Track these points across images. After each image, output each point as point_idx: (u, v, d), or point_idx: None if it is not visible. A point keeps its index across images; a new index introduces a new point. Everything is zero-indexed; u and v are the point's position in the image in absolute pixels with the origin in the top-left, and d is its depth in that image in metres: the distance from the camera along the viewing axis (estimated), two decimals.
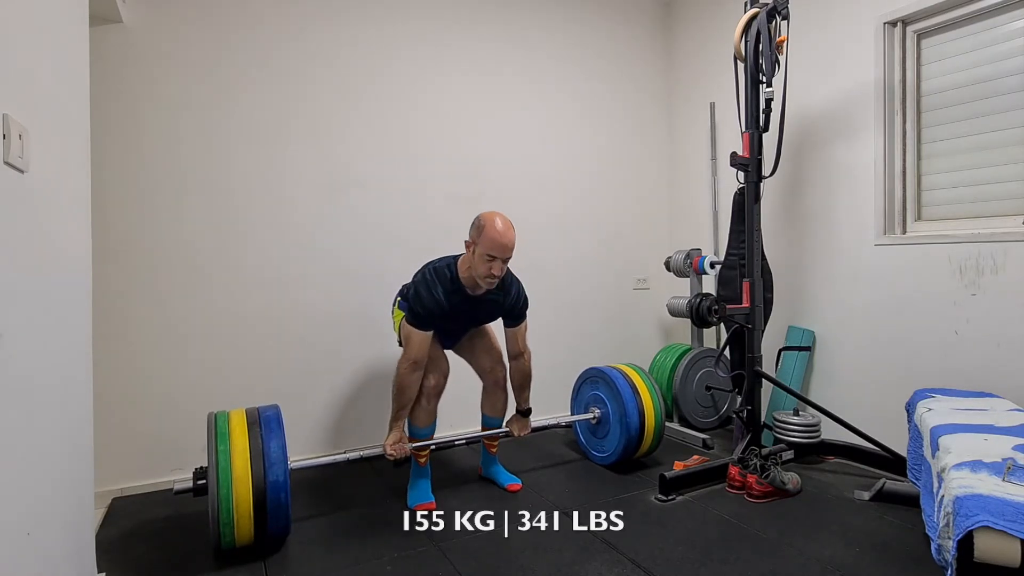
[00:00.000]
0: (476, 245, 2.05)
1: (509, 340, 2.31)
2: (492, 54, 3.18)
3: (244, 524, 1.78)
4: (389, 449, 2.12)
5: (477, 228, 2.06)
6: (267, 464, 1.82)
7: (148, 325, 2.42)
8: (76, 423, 1.43)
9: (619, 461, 2.54)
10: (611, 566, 1.77)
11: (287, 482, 1.83)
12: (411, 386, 2.13)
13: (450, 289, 2.12)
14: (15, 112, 1.06)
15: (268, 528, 1.82)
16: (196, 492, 1.88)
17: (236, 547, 1.83)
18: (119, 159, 2.36)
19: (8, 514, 1.02)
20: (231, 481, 1.77)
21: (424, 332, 2.11)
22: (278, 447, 1.87)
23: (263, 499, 1.79)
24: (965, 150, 2.39)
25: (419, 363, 2.12)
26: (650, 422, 2.51)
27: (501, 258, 2.03)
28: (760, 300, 2.54)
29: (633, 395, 2.51)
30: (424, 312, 2.09)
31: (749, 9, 2.51)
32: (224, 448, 1.81)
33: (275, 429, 1.91)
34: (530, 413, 2.42)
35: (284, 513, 1.83)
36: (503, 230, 2.02)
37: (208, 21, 2.51)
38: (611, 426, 2.56)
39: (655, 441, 2.58)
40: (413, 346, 2.10)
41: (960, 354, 2.31)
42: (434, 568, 1.78)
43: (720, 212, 3.36)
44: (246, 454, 1.82)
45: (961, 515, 1.28)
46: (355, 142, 2.82)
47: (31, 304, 1.14)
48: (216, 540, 1.78)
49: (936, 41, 2.48)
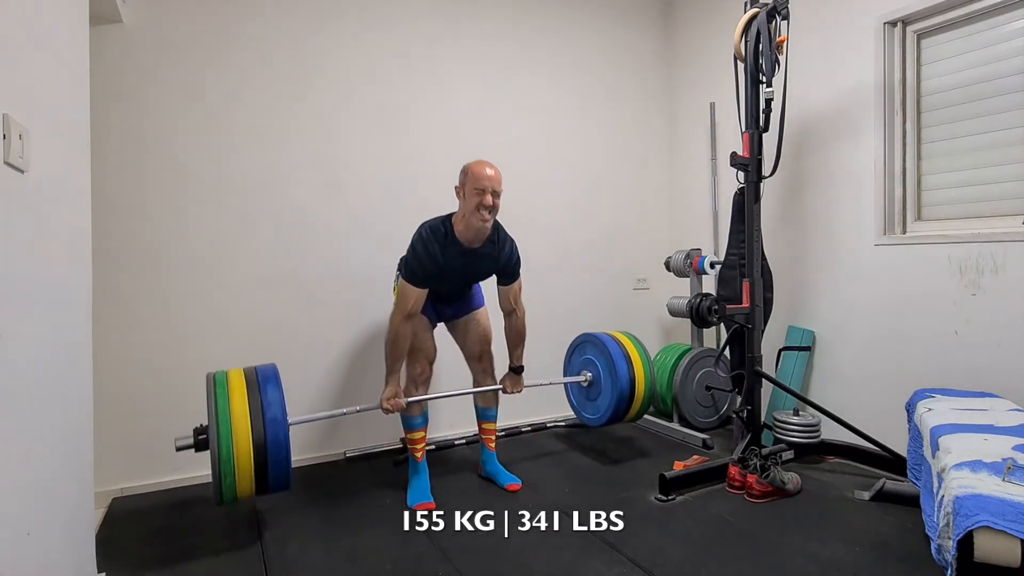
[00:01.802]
0: (464, 187, 2.14)
1: (502, 298, 2.35)
2: (491, 54, 3.18)
3: (245, 476, 1.78)
4: (385, 403, 2.15)
5: (463, 172, 2.17)
6: (266, 416, 1.82)
7: (148, 325, 2.42)
8: (76, 423, 1.43)
9: (611, 420, 2.58)
10: (611, 566, 1.77)
11: (287, 433, 1.83)
12: (405, 337, 2.16)
13: (445, 243, 2.15)
14: (15, 112, 1.06)
15: (269, 480, 1.82)
16: (197, 447, 1.87)
17: (237, 501, 1.83)
18: (119, 159, 2.36)
19: (8, 514, 1.02)
20: (231, 433, 1.76)
21: (419, 289, 2.14)
22: (277, 399, 1.87)
23: (263, 450, 1.78)
24: (965, 150, 2.39)
25: (412, 315, 2.16)
26: (640, 383, 2.55)
27: (490, 190, 2.08)
28: (760, 300, 2.54)
29: (623, 356, 2.55)
30: (419, 267, 2.12)
31: (749, 9, 2.51)
32: (223, 402, 1.81)
33: (273, 383, 1.91)
34: (522, 371, 2.45)
35: (284, 465, 1.82)
36: (485, 164, 2.14)
37: (208, 21, 2.51)
38: (602, 387, 2.59)
39: (645, 402, 2.61)
40: (407, 301, 2.14)
41: (960, 354, 2.31)
42: (434, 568, 1.77)
43: (720, 212, 3.36)
44: (245, 407, 1.82)
45: (961, 515, 1.28)
46: (354, 141, 2.82)
47: (31, 304, 1.14)
48: (217, 494, 1.78)
49: (936, 41, 2.48)
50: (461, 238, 2.16)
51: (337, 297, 2.78)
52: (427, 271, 2.13)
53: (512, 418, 3.16)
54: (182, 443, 1.90)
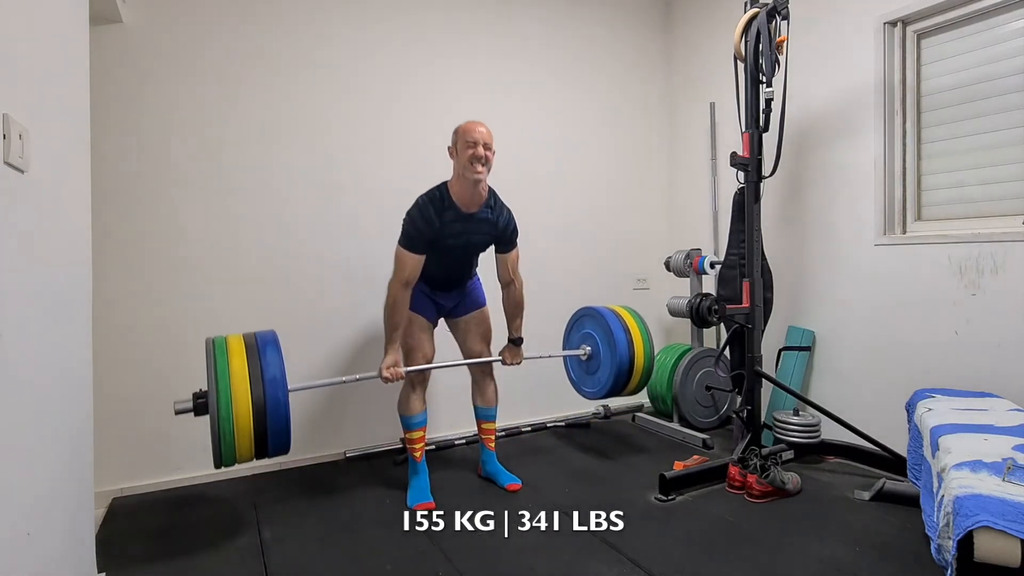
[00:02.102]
0: (455, 145, 2.17)
1: (501, 267, 2.36)
2: (491, 54, 3.18)
3: (244, 436, 1.77)
4: (385, 372, 2.15)
5: (454, 132, 2.20)
6: (266, 376, 1.81)
7: (148, 325, 2.42)
8: (76, 423, 1.43)
9: (610, 392, 2.59)
10: (611, 566, 1.77)
11: (286, 392, 1.82)
12: (402, 305, 2.17)
13: (442, 208, 2.17)
14: (15, 112, 1.06)
15: (269, 441, 1.81)
16: (196, 411, 1.86)
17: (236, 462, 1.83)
18: (119, 159, 2.36)
19: (8, 514, 1.02)
20: (231, 396, 1.75)
21: (417, 255, 2.15)
22: (276, 360, 1.86)
23: (263, 410, 1.77)
24: (965, 150, 2.39)
25: (410, 283, 2.17)
26: (639, 355, 2.55)
27: (481, 143, 2.12)
28: (760, 300, 2.54)
29: (623, 328, 2.55)
30: (416, 234, 2.13)
31: (749, 9, 2.51)
32: (223, 366, 1.80)
33: (272, 346, 1.91)
34: (521, 342, 2.45)
35: (284, 426, 1.81)
36: (476, 122, 2.18)
37: (208, 21, 2.51)
38: (601, 360, 2.59)
39: (644, 375, 2.61)
40: (405, 268, 2.15)
41: (960, 354, 2.31)
42: (434, 568, 1.78)
43: (720, 212, 3.36)
44: (244, 368, 1.81)
45: (961, 515, 1.28)
46: (354, 141, 2.82)
47: (31, 304, 1.14)
48: (217, 455, 1.77)
49: (936, 41, 2.48)
50: (458, 201, 2.17)
51: (337, 297, 2.78)
52: (424, 236, 2.14)
53: (512, 418, 3.16)
54: (181, 407, 1.88)
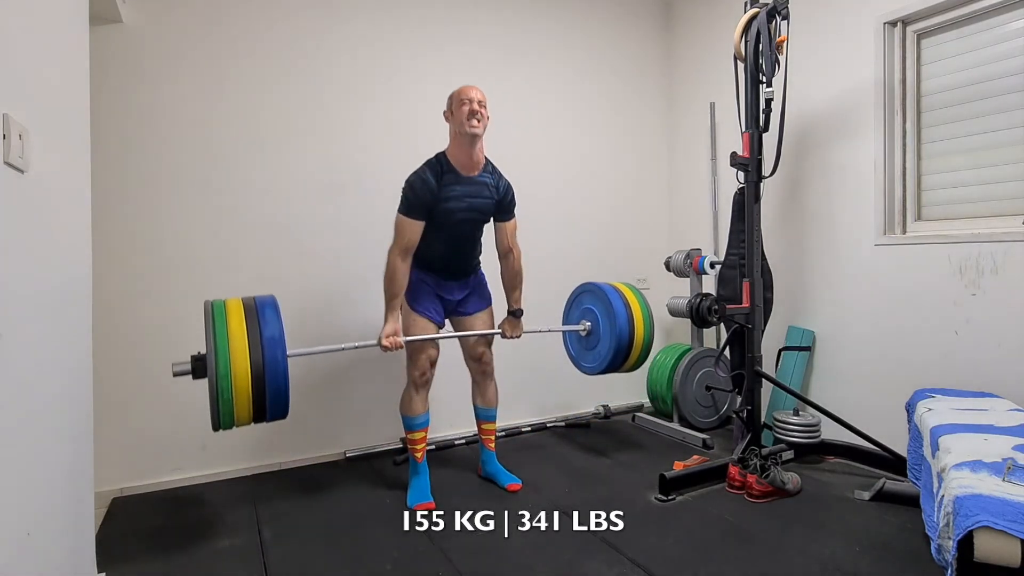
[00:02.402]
0: (451, 107, 2.22)
1: (499, 236, 2.38)
2: (491, 54, 3.18)
3: (243, 399, 1.75)
4: (384, 340, 2.14)
5: (449, 97, 2.25)
6: (264, 338, 1.79)
7: (148, 325, 2.42)
8: (76, 423, 1.43)
9: (609, 368, 2.57)
10: (611, 566, 1.77)
11: (285, 356, 1.80)
12: (402, 274, 2.18)
13: (441, 171, 2.20)
14: (15, 112, 1.06)
15: (267, 403, 1.79)
16: (194, 373, 1.84)
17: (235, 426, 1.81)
18: (119, 159, 2.36)
19: (8, 514, 1.02)
20: (229, 358, 1.73)
21: (416, 220, 2.16)
22: (274, 323, 1.84)
23: (261, 373, 1.76)
24: (965, 150, 2.39)
25: (409, 249, 2.18)
26: (639, 329, 2.54)
27: (476, 100, 2.16)
28: (760, 300, 2.54)
29: (623, 303, 2.54)
30: (414, 198, 2.15)
31: (749, 9, 2.51)
32: (222, 328, 1.78)
33: (271, 309, 1.89)
34: (521, 314, 2.45)
35: (282, 387, 1.80)
36: (469, 85, 2.23)
37: (208, 21, 2.51)
38: (601, 334, 2.58)
39: (644, 350, 2.59)
40: (404, 233, 2.16)
41: (960, 354, 2.31)
42: (434, 568, 1.78)
43: (720, 212, 3.36)
44: (243, 332, 1.78)
45: (961, 515, 1.27)
46: (355, 141, 2.82)
47: (31, 304, 1.14)
48: (215, 417, 1.75)
49: (936, 41, 2.48)
50: (456, 164, 2.21)
51: (338, 297, 2.78)
52: (422, 200, 2.15)
53: (512, 418, 3.16)
54: (179, 368, 1.85)
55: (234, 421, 1.78)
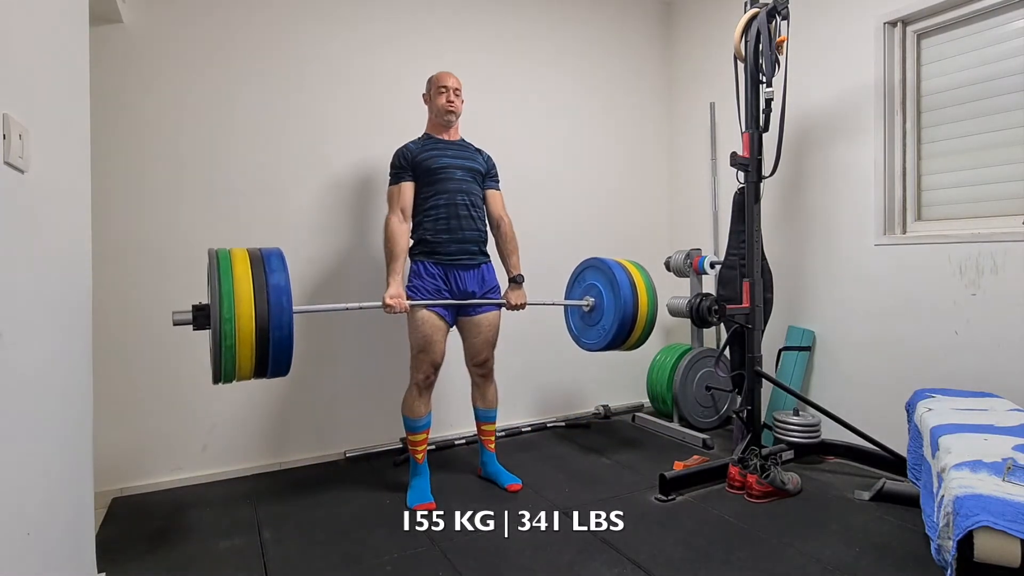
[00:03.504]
0: (429, 92, 2.40)
1: (491, 204, 2.46)
2: (491, 54, 3.18)
3: (245, 351, 1.70)
4: (388, 300, 2.15)
5: (427, 82, 2.42)
6: (271, 288, 1.74)
7: (148, 325, 2.42)
8: (76, 423, 1.43)
9: (611, 344, 2.54)
10: (611, 566, 1.77)
11: (290, 303, 1.76)
12: (401, 234, 2.25)
13: (422, 141, 2.37)
14: (15, 112, 1.06)
15: (270, 356, 1.74)
16: (196, 323, 1.76)
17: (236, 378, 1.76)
18: (119, 159, 2.36)
19: (8, 514, 1.02)
20: (234, 303, 1.67)
21: (404, 183, 2.29)
22: (281, 273, 1.79)
23: (266, 321, 1.70)
24: (965, 150, 2.39)
25: (404, 211, 2.28)
26: (643, 305, 2.52)
27: (452, 87, 2.34)
28: (760, 300, 2.54)
29: (627, 277, 2.52)
30: (396, 162, 2.31)
31: (749, 9, 2.51)
32: (226, 276, 1.72)
33: (278, 259, 1.84)
34: (523, 280, 2.45)
35: (287, 339, 1.75)
36: (446, 72, 2.40)
37: (208, 21, 2.51)
38: (604, 309, 2.55)
39: (648, 326, 2.56)
40: (395, 199, 2.29)
41: (960, 354, 2.31)
42: (434, 568, 1.78)
43: (720, 212, 3.36)
44: (248, 279, 1.73)
45: (961, 515, 1.28)
46: (355, 141, 2.82)
47: (31, 304, 1.14)
48: (216, 367, 1.71)
49: (936, 41, 2.48)
50: (436, 133, 2.39)
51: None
52: (405, 161, 2.30)
53: (512, 418, 3.16)
54: (180, 317, 1.77)
55: (235, 372, 1.72)
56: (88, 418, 1.55)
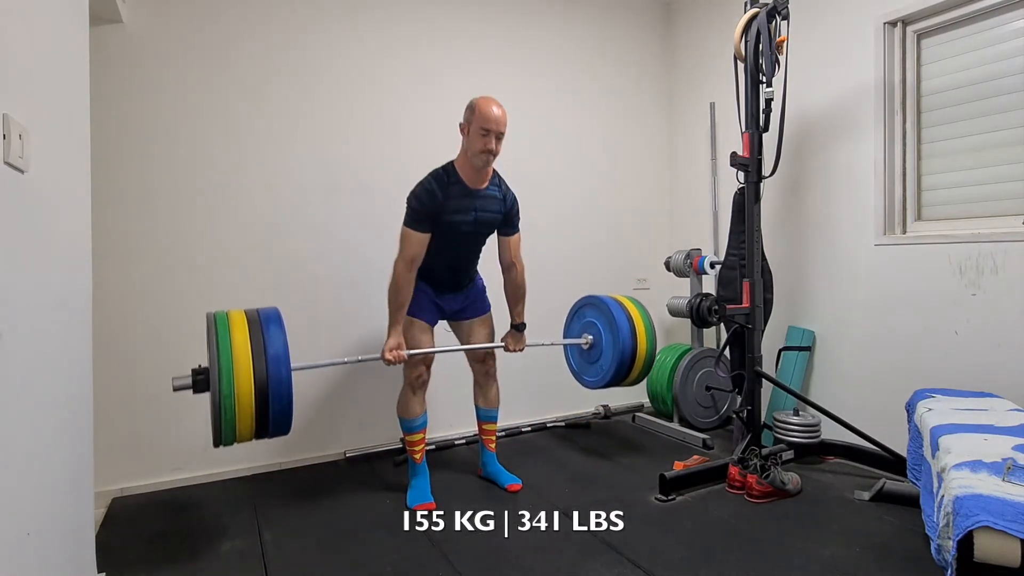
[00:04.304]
0: (470, 124, 2.13)
1: (503, 250, 2.35)
2: (491, 55, 3.18)
3: (245, 416, 1.71)
4: (388, 354, 2.13)
5: (470, 108, 2.15)
6: (269, 353, 1.75)
7: (148, 325, 2.42)
8: (76, 423, 1.43)
9: (612, 382, 2.55)
10: (611, 566, 1.77)
11: (289, 370, 1.77)
12: (408, 284, 2.16)
13: (447, 183, 2.16)
14: (15, 112, 1.06)
15: (270, 421, 1.75)
16: (195, 387, 1.79)
17: (236, 441, 1.77)
18: (119, 159, 2.36)
19: (8, 514, 1.02)
20: (232, 372, 1.69)
21: (421, 233, 2.13)
22: (279, 339, 1.80)
23: (265, 390, 1.71)
24: (965, 150, 2.39)
25: (415, 261, 2.15)
26: (642, 343, 2.52)
27: (495, 132, 2.11)
28: (760, 300, 2.54)
29: (626, 316, 2.52)
30: (420, 208, 2.12)
31: (749, 9, 2.51)
32: (224, 341, 1.73)
33: (275, 324, 1.85)
34: (524, 328, 2.44)
35: (286, 405, 1.76)
36: (495, 106, 2.14)
37: (208, 21, 2.51)
38: (603, 348, 2.56)
39: (647, 362, 2.57)
40: (409, 245, 2.14)
41: (960, 354, 2.31)
42: (434, 568, 1.78)
43: (720, 212, 3.36)
44: (247, 343, 1.74)
45: (961, 515, 1.27)
46: (355, 142, 2.82)
47: (31, 304, 1.14)
48: (217, 433, 1.72)
49: (936, 41, 2.48)
50: (464, 177, 2.17)
51: (338, 298, 2.78)
52: (428, 210, 2.12)
53: (512, 418, 3.16)
54: (180, 383, 1.80)
55: (236, 438, 1.76)
56: (88, 418, 1.55)
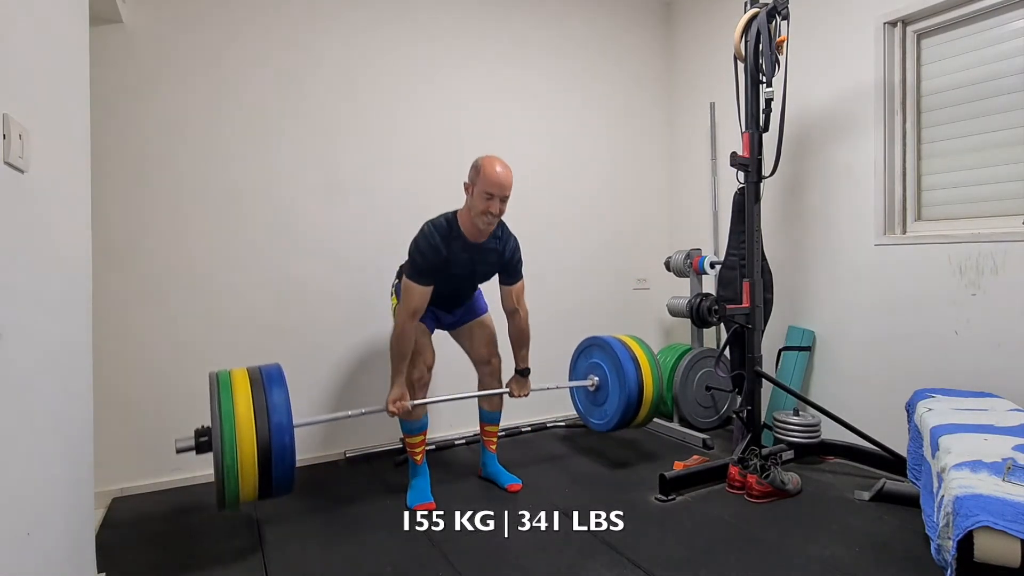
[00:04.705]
0: (474, 185, 2.08)
1: (505, 297, 2.33)
2: (491, 55, 3.18)
3: (248, 482, 1.74)
4: (391, 406, 2.13)
5: (475, 168, 2.10)
6: (271, 409, 1.77)
7: (148, 325, 2.42)
8: (76, 423, 1.43)
9: (618, 426, 2.55)
10: (611, 566, 1.77)
11: (291, 428, 1.79)
12: (409, 336, 2.14)
13: (449, 236, 2.13)
14: (15, 112, 1.06)
15: (273, 480, 1.78)
16: (199, 449, 1.82)
17: (239, 505, 1.80)
18: (119, 159, 2.36)
19: (8, 514, 1.02)
20: (235, 434, 1.71)
21: (423, 287, 2.11)
22: (281, 395, 1.83)
23: (268, 456, 1.74)
24: (965, 150, 2.39)
25: (417, 313, 2.13)
26: (648, 387, 2.52)
27: (499, 196, 2.07)
28: (760, 300, 2.54)
29: (632, 360, 2.52)
30: (423, 262, 2.10)
31: (749, 9, 2.51)
32: (227, 401, 1.76)
33: (277, 383, 1.87)
34: (529, 373, 2.43)
35: (289, 469, 1.79)
36: (501, 169, 2.08)
37: (208, 21, 2.51)
38: (610, 391, 2.56)
39: (653, 407, 2.57)
40: (412, 298, 2.11)
41: (960, 354, 2.31)
42: (434, 568, 1.78)
43: (720, 212, 3.36)
44: (250, 410, 1.76)
45: (961, 515, 1.27)
46: (355, 143, 2.82)
47: (31, 304, 1.14)
48: (220, 496, 1.74)
49: (936, 41, 2.48)
50: (466, 232, 2.15)
51: (337, 298, 2.78)
52: (431, 265, 2.10)
53: (513, 418, 3.15)
54: (182, 445, 1.84)
55: (239, 503, 1.79)
56: (88, 418, 1.55)
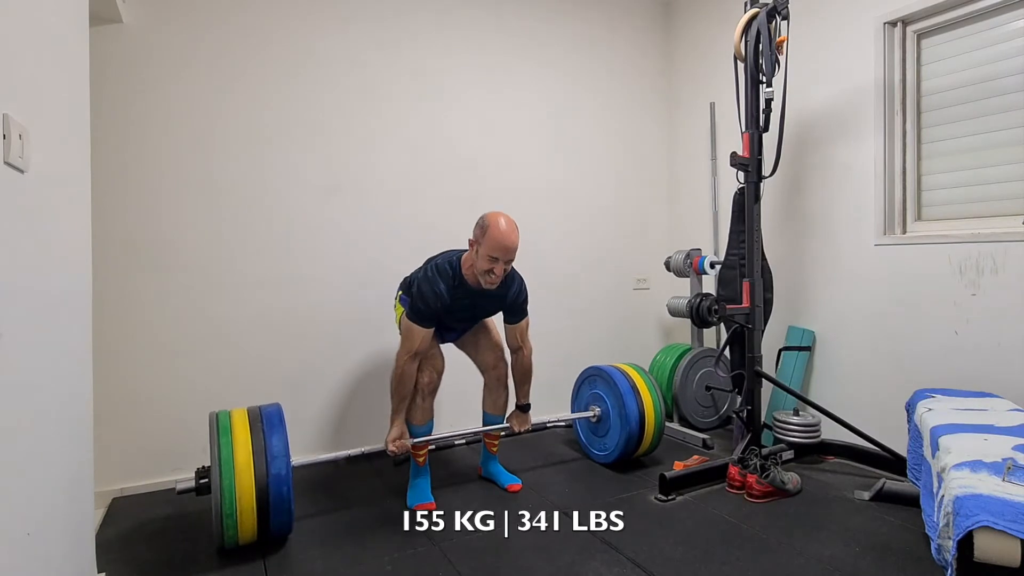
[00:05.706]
0: (479, 245, 2.05)
1: (509, 335, 2.32)
2: (490, 54, 3.18)
3: (247, 521, 1.79)
4: (391, 446, 2.12)
5: (481, 228, 2.05)
6: (269, 460, 1.83)
7: (148, 325, 2.42)
8: (76, 423, 1.43)
9: (620, 459, 2.54)
10: (611, 566, 1.77)
11: (289, 478, 1.84)
12: (410, 377, 2.14)
13: (452, 284, 2.13)
14: (15, 112, 1.06)
15: (271, 525, 1.83)
16: (199, 491, 1.87)
17: (239, 545, 1.84)
18: (119, 159, 2.36)
19: (8, 514, 1.02)
20: (234, 478, 1.77)
21: (425, 329, 2.11)
22: (280, 443, 1.88)
23: (266, 496, 1.80)
24: (965, 150, 2.39)
25: (418, 354, 2.14)
26: (650, 421, 2.51)
27: (504, 260, 2.04)
28: (760, 300, 2.54)
29: (633, 393, 2.52)
30: (425, 308, 2.09)
31: (749, 9, 2.51)
32: (226, 445, 1.82)
33: (277, 425, 1.92)
34: (529, 408, 2.43)
35: (287, 510, 1.84)
36: (507, 232, 2.02)
37: (208, 21, 2.51)
38: (611, 424, 2.56)
39: (655, 440, 2.58)
40: (413, 341, 2.11)
41: (960, 354, 2.31)
42: (434, 568, 1.78)
43: (720, 212, 3.36)
44: (248, 450, 1.82)
45: (961, 515, 1.28)
46: (355, 143, 2.82)
47: (31, 304, 1.14)
48: (219, 538, 1.79)
49: (936, 41, 2.48)
50: (470, 281, 2.13)
51: (337, 298, 2.78)
52: (433, 310, 2.09)
53: None
54: (183, 487, 1.89)
55: (238, 540, 1.83)
56: (88, 418, 1.55)
